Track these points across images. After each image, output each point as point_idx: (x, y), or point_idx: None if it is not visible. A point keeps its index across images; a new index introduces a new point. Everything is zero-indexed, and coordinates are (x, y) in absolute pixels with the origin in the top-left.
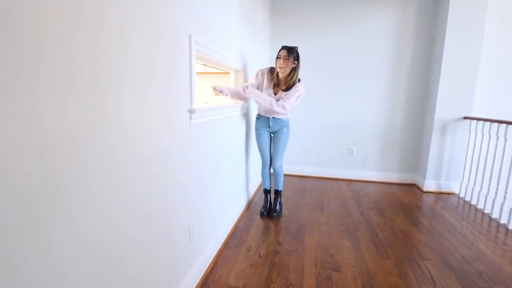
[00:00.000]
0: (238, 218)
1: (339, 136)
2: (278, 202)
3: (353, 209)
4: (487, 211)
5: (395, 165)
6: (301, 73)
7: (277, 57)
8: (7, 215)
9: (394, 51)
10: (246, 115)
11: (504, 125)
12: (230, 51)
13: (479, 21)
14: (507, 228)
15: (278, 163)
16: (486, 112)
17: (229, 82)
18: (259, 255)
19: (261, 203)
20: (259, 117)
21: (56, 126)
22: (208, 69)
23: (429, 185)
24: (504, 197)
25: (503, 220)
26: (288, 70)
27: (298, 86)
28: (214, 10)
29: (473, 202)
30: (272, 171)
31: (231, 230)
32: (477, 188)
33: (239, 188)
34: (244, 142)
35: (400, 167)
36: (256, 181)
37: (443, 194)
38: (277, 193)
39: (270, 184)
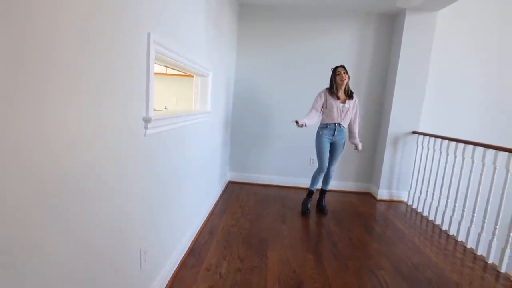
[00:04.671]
0: (198, 233)
1: (301, 146)
2: (324, 200)
3: (314, 219)
4: (431, 218)
5: (352, 175)
6: (266, 82)
7: (336, 74)
8: None
9: (353, 68)
10: (214, 124)
11: (446, 141)
12: (195, 55)
13: (427, 47)
14: (448, 234)
15: (333, 168)
16: (434, 128)
17: (194, 86)
18: (220, 274)
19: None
20: (325, 126)
21: None
22: (170, 70)
23: (382, 194)
24: (446, 206)
25: (444, 227)
26: (347, 81)
27: (355, 97)
28: (177, 11)
29: (419, 209)
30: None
31: (189, 247)
32: (423, 196)
33: (200, 200)
34: (209, 152)
35: (357, 177)
36: (217, 191)
37: (394, 202)
38: (325, 192)
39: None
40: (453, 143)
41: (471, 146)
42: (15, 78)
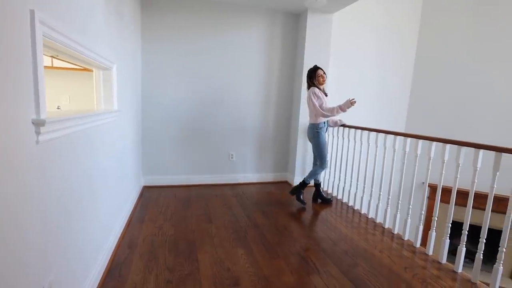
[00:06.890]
0: (115, 249)
1: (219, 143)
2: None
3: (240, 213)
4: (339, 197)
5: (270, 166)
6: (177, 77)
7: (319, 75)
8: None
9: (264, 64)
10: (123, 124)
11: (347, 128)
12: (95, 43)
13: (326, 44)
14: (354, 209)
15: None
16: (339, 117)
17: (95, 82)
18: None
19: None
20: (323, 124)
21: None
22: (58, 63)
23: (297, 180)
24: (350, 185)
25: (351, 203)
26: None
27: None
28: None
29: (330, 191)
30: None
31: (106, 268)
32: (331, 179)
33: (114, 211)
34: (120, 156)
35: (274, 167)
36: (131, 199)
37: (308, 187)
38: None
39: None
40: (352, 130)
41: (366, 132)
42: None
